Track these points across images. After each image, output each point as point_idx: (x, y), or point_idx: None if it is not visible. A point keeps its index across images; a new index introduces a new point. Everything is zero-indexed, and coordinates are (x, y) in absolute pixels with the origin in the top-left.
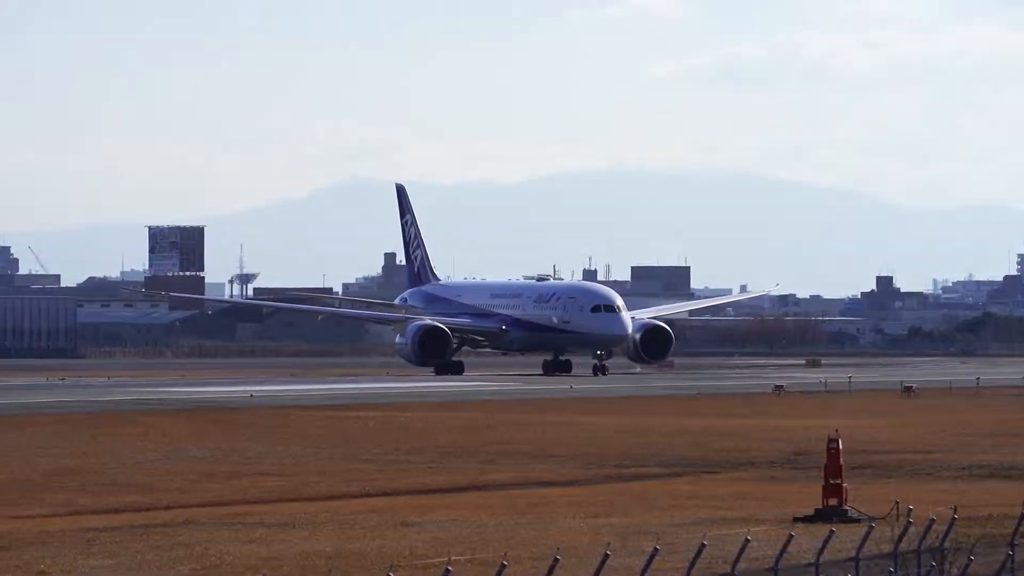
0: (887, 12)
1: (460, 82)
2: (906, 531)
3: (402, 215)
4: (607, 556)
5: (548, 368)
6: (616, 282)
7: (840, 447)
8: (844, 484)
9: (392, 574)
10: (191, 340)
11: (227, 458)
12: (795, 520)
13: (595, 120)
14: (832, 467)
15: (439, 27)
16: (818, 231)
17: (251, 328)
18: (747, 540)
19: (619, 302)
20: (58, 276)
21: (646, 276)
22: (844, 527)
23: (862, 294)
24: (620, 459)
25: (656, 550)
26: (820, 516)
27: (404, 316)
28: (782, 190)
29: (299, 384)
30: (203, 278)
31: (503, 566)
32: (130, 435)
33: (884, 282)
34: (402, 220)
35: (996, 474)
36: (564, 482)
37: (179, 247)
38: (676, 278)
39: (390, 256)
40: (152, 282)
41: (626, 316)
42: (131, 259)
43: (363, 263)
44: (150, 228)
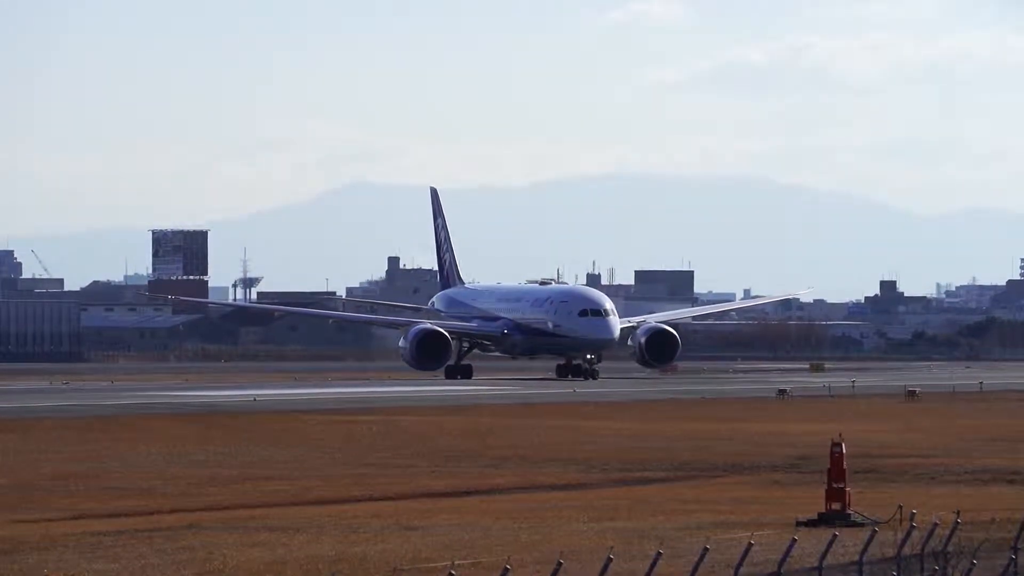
0: (889, 16)
1: (465, 86)
2: (909, 535)
3: (435, 218)
4: (610, 560)
5: (562, 372)
6: (620, 286)
7: (844, 451)
8: (847, 488)
9: None
10: (194, 344)
11: (230, 462)
12: (798, 524)
13: (599, 125)
14: (836, 471)
15: (444, 31)
16: (821, 235)
17: (255, 332)
18: (750, 544)
19: (607, 306)
20: (61, 280)
21: (650, 280)
22: (847, 531)
23: (866, 298)
24: (623, 463)
25: (659, 554)
26: (823, 520)
27: (407, 320)
28: (785, 194)
29: (303, 388)
30: (207, 282)
31: (506, 570)
32: (133, 439)
33: (888, 286)
34: (435, 223)
35: (999, 478)
36: (567, 486)
37: (183, 251)
38: (680, 282)
39: (393, 260)
40: (156, 286)
41: (614, 320)
42: (134, 263)
43: (367, 267)
44: (153, 232)
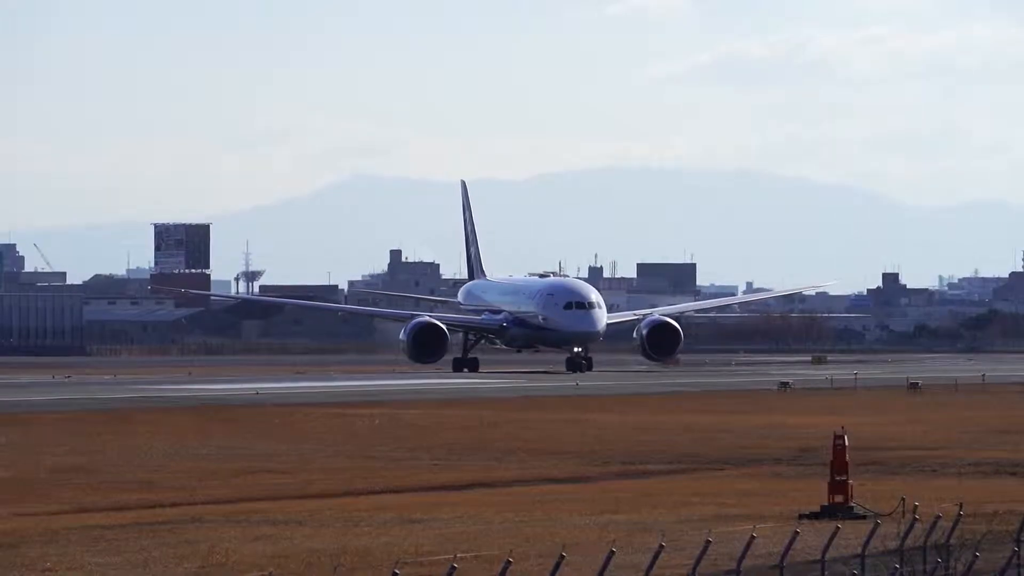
0: (888, 8)
1: (465, 80)
2: (912, 528)
3: (463, 211)
4: (612, 553)
5: (571, 365)
6: (623, 279)
7: (846, 444)
8: (850, 481)
9: (398, 571)
10: (197, 337)
11: (233, 455)
12: (801, 517)
13: (599, 118)
14: (838, 464)
15: (444, 25)
16: (823, 228)
17: (257, 325)
18: (753, 537)
19: (593, 298)
20: (64, 273)
21: (652, 273)
22: (850, 524)
23: (868, 291)
24: (625, 456)
25: (662, 547)
26: (826, 513)
27: (411, 313)
28: (786, 187)
29: (305, 381)
30: (209, 275)
31: (508, 563)
32: (136, 432)
33: (890, 279)
34: (463, 216)
35: (1001, 471)
36: (569, 479)
37: (185, 244)
38: (682, 275)
39: (395, 253)
40: (158, 279)
41: (599, 313)
42: (137, 257)
43: (369, 260)
44: (156, 225)
